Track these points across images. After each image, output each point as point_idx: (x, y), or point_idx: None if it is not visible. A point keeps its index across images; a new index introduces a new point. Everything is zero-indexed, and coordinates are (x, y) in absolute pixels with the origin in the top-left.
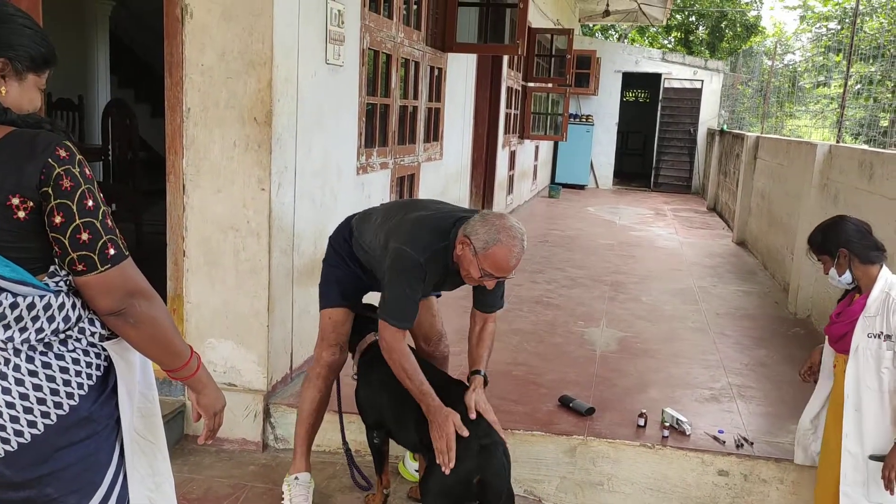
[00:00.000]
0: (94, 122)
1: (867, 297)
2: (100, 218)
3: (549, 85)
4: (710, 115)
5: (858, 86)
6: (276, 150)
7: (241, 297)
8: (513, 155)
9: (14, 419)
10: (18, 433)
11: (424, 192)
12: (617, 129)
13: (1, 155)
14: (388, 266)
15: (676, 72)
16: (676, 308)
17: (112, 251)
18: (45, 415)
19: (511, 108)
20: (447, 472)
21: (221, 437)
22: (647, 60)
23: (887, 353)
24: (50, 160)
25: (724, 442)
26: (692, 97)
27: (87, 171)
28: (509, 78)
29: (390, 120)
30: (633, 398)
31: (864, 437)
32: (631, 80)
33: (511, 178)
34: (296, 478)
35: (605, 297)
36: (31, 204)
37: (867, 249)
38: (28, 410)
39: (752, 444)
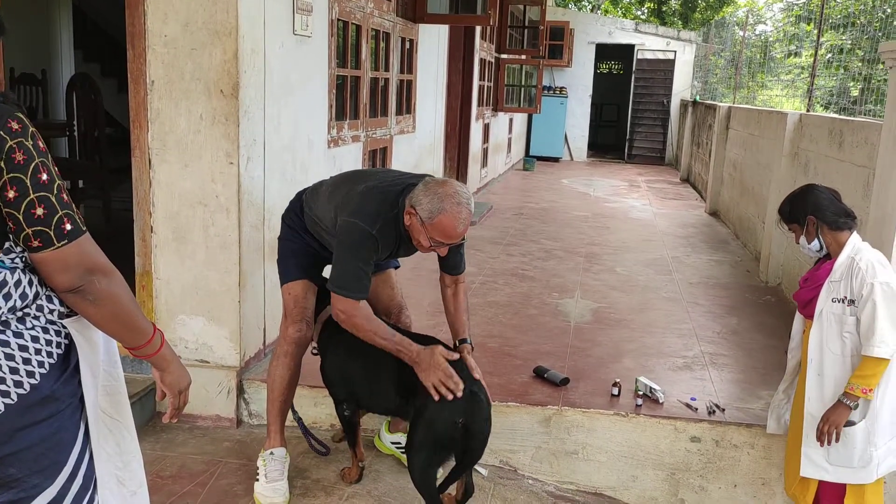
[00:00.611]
0: (58, 97)
1: (834, 262)
2: (55, 192)
3: (523, 57)
4: (682, 86)
5: (829, 55)
6: (244, 123)
7: (212, 272)
8: (487, 128)
9: None
10: None
11: (397, 165)
12: (591, 101)
13: None
14: (339, 240)
15: (649, 43)
16: (650, 278)
17: (68, 226)
18: (5, 394)
19: (484, 81)
20: (459, 395)
21: (195, 414)
22: (620, 31)
23: (850, 318)
24: (2, 133)
25: (697, 409)
26: (665, 68)
27: (41, 144)
28: (482, 49)
29: (361, 92)
30: (606, 368)
31: (826, 401)
32: (604, 52)
33: (485, 151)
34: (271, 453)
35: (579, 269)
36: None
37: (835, 216)
38: None
39: (723, 410)
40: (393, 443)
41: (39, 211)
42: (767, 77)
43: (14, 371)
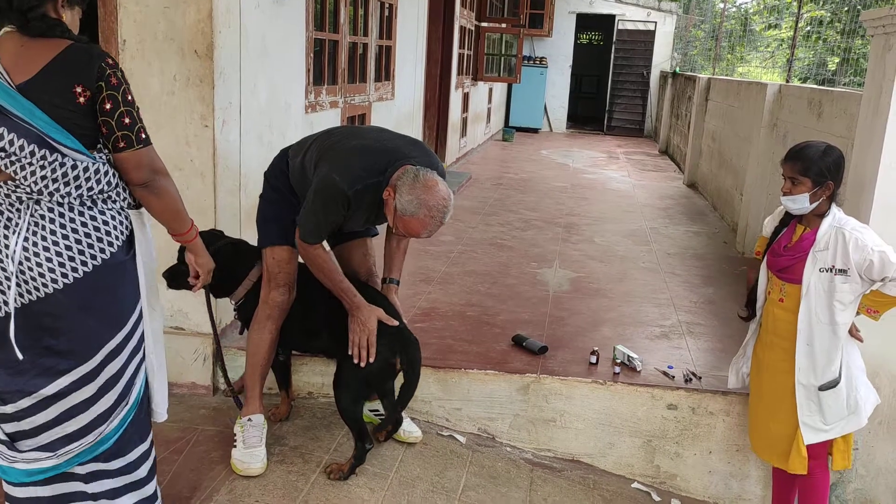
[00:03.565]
0: None
1: (816, 231)
2: (135, 109)
3: (503, 25)
4: (662, 57)
5: (808, 27)
6: (219, 85)
7: None
8: (466, 97)
9: (70, 258)
10: (73, 269)
11: None
12: (571, 71)
13: (67, 59)
14: (314, 188)
15: (630, 13)
16: (628, 249)
17: (143, 135)
18: (95, 256)
19: (464, 49)
20: (363, 364)
21: (170, 382)
22: (601, 1)
23: (842, 286)
24: (103, 64)
25: (674, 377)
26: (645, 39)
27: (123, 77)
28: (462, 17)
29: (340, 57)
30: (585, 336)
31: (818, 370)
32: (585, 22)
33: (464, 121)
34: (249, 419)
35: (558, 239)
36: (89, 93)
37: (838, 191)
38: (81, 252)
39: (699, 378)
40: (371, 410)
41: (126, 120)
42: (746, 50)
43: (99, 240)
